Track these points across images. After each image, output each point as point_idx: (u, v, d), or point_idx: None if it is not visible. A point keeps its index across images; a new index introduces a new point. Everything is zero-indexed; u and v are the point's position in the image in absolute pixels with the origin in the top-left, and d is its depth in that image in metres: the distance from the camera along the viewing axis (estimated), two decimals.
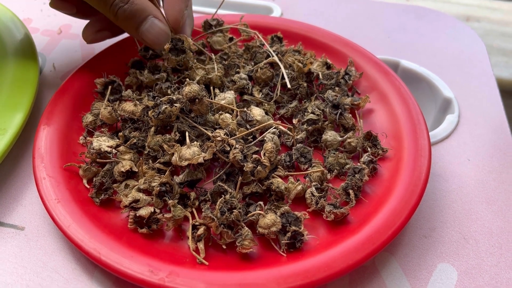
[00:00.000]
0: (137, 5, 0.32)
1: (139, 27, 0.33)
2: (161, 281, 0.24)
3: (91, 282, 0.26)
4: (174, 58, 0.34)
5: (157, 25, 0.33)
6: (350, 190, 0.28)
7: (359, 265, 0.25)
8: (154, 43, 0.33)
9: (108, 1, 0.31)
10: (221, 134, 0.28)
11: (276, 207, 0.28)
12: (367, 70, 0.37)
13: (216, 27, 0.39)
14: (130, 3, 0.32)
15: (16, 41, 0.38)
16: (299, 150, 0.31)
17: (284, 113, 0.34)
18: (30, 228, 0.28)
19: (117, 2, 0.32)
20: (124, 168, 0.28)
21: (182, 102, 0.30)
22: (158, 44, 0.33)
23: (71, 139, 0.32)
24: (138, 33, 0.33)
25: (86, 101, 0.34)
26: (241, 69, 0.36)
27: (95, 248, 0.25)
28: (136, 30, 0.33)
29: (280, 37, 0.39)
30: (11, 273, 0.26)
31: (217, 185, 0.28)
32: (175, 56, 0.34)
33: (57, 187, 0.28)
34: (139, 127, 0.31)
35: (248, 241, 0.25)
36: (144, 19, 0.32)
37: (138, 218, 0.27)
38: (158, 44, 0.33)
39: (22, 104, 0.32)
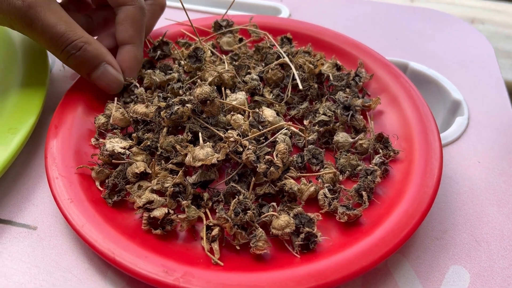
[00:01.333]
0: (89, 52, 0.32)
1: (91, 74, 0.32)
2: (176, 282, 0.24)
3: (104, 282, 0.26)
4: (191, 65, 0.34)
5: (110, 72, 0.33)
6: (363, 192, 0.28)
7: (372, 267, 0.25)
8: (106, 90, 0.33)
9: (59, 46, 0.31)
10: (234, 135, 0.28)
11: (289, 208, 0.28)
12: (377, 71, 0.37)
13: (226, 28, 0.39)
14: (82, 50, 0.31)
15: (26, 41, 0.38)
16: (311, 151, 0.31)
17: (295, 114, 0.34)
18: (42, 228, 0.28)
19: (69, 49, 0.31)
20: (138, 170, 0.28)
21: (193, 103, 0.30)
22: (110, 90, 0.33)
23: (82, 138, 0.32)
24: (90, 79, 0.33)
25: (97, 100, 0.34)
26: (251, 70, 0.36)
27: (109, 248, 0.25)
28: (88, 75, 0.33)
29: (289, 38, 0.39)
30: (24, 273, 0.26)
31: (230, 186, 0.28)
32: (192, 63, 0.34)
33: (69, 186, 0.28)
34: (152, 128, 0.31)
35: (262, 242, 0.25)
36: (96, 66, 0.32)
37: (152, 219, 0.27)
38: (110, 90, 0.33)
39: (33, 104, 0.32)
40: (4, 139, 0.30)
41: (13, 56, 0.37)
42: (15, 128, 0.30)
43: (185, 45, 0.38)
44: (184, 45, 0.38)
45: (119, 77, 0.33)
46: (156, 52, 0.36)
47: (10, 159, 0.29)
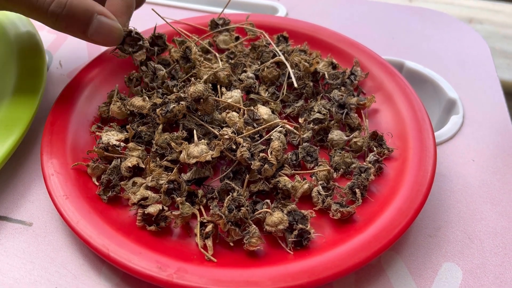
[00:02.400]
0: (76, 7, 0.28)
1: (86, 31, 0.30)
2: (169, 278, 0.24)
3: (99, 278, 0.26)
4: (184, 66, 0.34)
5: (105, 22, 0.30)
6: (356, 189, 0.28)
7: (365, 264, 0.25)
8: (108, 43, 0.31)
9: (42, 9, 0.28)
10: (228, 132, 0.29)
11: (283, 205, 0.28)
12: (372, 70, 0.37)
13: (222, 26, 0.39)
14: (68, 6, 0.28)
15: (23, 38, 0.38)
16: (305, 149, 0.31)
17: (290, 112, 0.34)
18: (38, 224, 0.28)
19: (53, 9, 0.28)
20: (130, 163, 0.29)
21: (187, 101, 0.30)
22: (112, 43, 0.31)
23: (78, 136, 0.32)
24: (87, 37, 0.30)
25: (93, 98, 0.34)
26: (247, 68, 0.36)
27: (103, 244, 0.25)
28: (84, 34, 0.30)
29: (286, 37, 0.40)
30: (19, 268, 0.26)
31: (225, 183, 0.28)
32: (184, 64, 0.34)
33: (65, 183, 0.28)
34: (147, 122, 0.31)
35: (255, 238, 0.26)
36: (88, 20, 0.29)
37: (146, 215, 0.27)
38: (112, 43, 0.31)
39: (29, 101, 0.32)
40: (0, 136, 0.30)
41: (10, 53, 0.37)
42: (11, 125, 0.31)
43: (181, 43, 0.38)
44: (181, 44, 0.38)
45: (116, 26, 0.30)
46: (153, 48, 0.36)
47: (6, 156, 0.29)
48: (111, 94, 0.34)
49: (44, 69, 0.35)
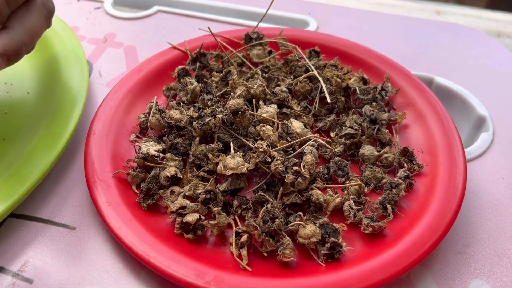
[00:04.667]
0: None
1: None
2: (207, 285, 0.25)
3: (138, 282, 0.27)
4: (222, 87, 0.35)
5: None
6: (388, 205, 0.29)
7: (396, 278, 0.26)
8: None
9: None
10: (263, 145, 0.30)
11: (315, 218, 0.29)
12: (402, 86, 0.38)
13: (256, 40, 0.40)
14: None
15: (67, 49, 0.40)
16: (337, 163, 0.32)
17: (322, 126, 0.35)
18: (80, 228, 0.30)
19: None
20: (169, 173, 0.30)
21: (225, 114, 0.31)
22: None
23: (119, 144, 0.33)
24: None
25: (131, 108, 0.36)
26: (281, 82, 0.37)
27: (144, 250, 0.26)
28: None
29: (317, 51, 0.41)
30: (64, 270, 0.28)
31: (259, 194, 0.29)
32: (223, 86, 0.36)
33: (107, 190, 0.30)
34: (183, 134, 0.33)
35: (289, 250, 0.26)
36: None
37: (184, 224, 0.28)
38: None
39: (73, 110, 0.34)
40: (47, 144, 0.32)
41: (55, 63, 0.39)
42: (57, 133, 0.32)
43: (217, 57, 0.40)
44: (216, 57, 0.40)
45: None
46: (195, 64, 0.38)
47: (52, 162, 0.31)
48: (150, 106, 0.35)
49: (87, 79, 0.37)
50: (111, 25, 0.47)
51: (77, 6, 0.50)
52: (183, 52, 0.40)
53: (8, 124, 0.35)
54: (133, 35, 0.46)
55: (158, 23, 0.48)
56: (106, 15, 0.49)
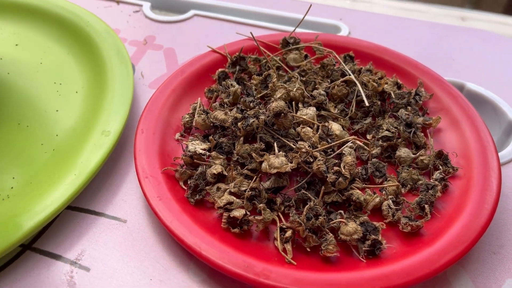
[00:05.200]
0: None
1: None
2: (256, 277, 0.26)
3: (187, 273, 0.29)
4: (261, 90, 0.37)
5: None
6: (425, 205, 0.30)
7: (434, 275, 0.27)
8: None
9: None
10: (305, 146, 0.31)
11: (355, 216, 0.30)
12: (435, 91, 0.39)
13: (293, 44, 0.42)
14: None
15: (111, 50, 0.41)
16: (375, 165, 0.33)
17: (359, 129, 0.36)
18: (131, 221, 0.32)
19: None
20: (216, 171, 0.31)
21: (267, 116, 0.33)
22: None
23: (165, 143, 0.35)
24: None
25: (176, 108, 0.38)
26: (318, 85, 0.38)
27: (195, 242, 0.28)
28: None
29: (352, 56, 0.42)
30: (118, 260, 0.29)
31: (301, 192, 0.31)
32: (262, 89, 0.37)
33: (158, 186, 0.31)
34: (227, 133, 0.34)
35: (332, 245, 0.28)
36: None
37: (231, 218, 0.29)
38: None
39: (121, 109, 0.36)
40: (99, 141, 0.33)
41: (101, 64, 0.40)
42: (108, 131, 0.34)
43: (255, 60, 0.41)
44: (254, 61, 0.41)
45: None
46: (235, 67, 0.39)
47: (104, 159, 0.32)
48: (193, 106, 0.37)
49: (132, 80, 0.39)
50: (150, 28, 0.49)
51: (116, 9, 0.52)
52: (222, 55, 0.42)
53: (60, 121, 0.37)
54: (171, 38, 0.48)
55: (194, 27, 0.50)
56: (145, 18, 0.51)
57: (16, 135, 0.36)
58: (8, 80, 0.41)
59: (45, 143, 0.35)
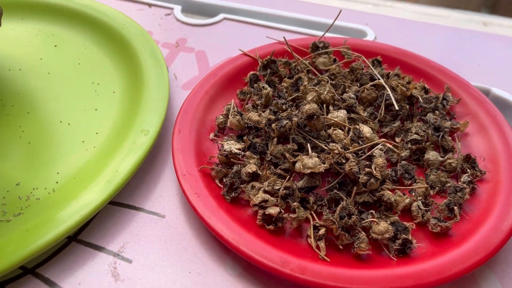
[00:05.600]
0: None
1: None
2: (292, 272, 0.27)
3: (224, 266, 0.30)
4: (292, 92, 0.38)
5: None
6: (455, 207, 0.31)
7: (463, 275, 0.28)
8: None
9: None
10: (337, 147, 0.32)
11: (386, 216, 0.31)
12: (462, 96, 0.40)
13: (322, 49, 0.43)
14: None
15: (146, 52, 0.43)
16: (404, 167, 0.34)
17: (387, 132, 0.37)
18: (169, 216, 0.33)
19: None
20: (250, 170, 0.33)
21: (300, 118, 0.34)
22: None
23: (200, 142, 0.36)
24: None
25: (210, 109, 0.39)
26: (347, 88, 0.39)
27: (233, 238, 0.29)
28: None
29: (380, 61, 0.43)
30: (157, 253, 0.31)
31: (334, 192, 0.32)
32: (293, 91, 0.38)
33: (195, 183, 0.33)
34: (260, 134, 0.36)
35: (364, 244, 0.29)
36: None
37: (266, 216, 0.31)
38: None
39: (159, 109, 0.37)
40: (139, 139, 0.35)
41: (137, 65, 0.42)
42: (147, 129, 0.35)
43: (285, 64, 0.42)
44: (284, 64, 0.42)
45: None
46: (266, 70, 0.41)
47: (144, 157, 0.34)
48: (227, 108, 0.38)
49: (168, 81, 0.40)
50: (181, 30, 0.51)
51: (149, 12, 0.54)
52: (253, 58, 0.43)
53: (99, 120, 0.38)
54: (202, 40, 0.50)
55: (224, 30, 0.51)
56: (176, 21, 0.52)
57: (58, 132, 0.37)
58: (49, 79, 0.43)
59: (86, 140, 0.37)
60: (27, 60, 0.45)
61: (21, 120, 0.38)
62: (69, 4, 0.49)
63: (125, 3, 0.55)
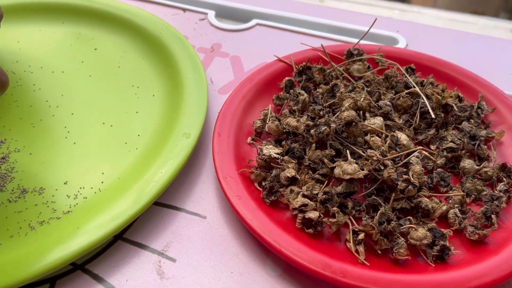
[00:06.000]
0: None
1: None
2: (333, 275, 0.28)
3: (264, 267, 0.31)
4: (328, 99, 0.39)
5: None
6: (492, 215, 0.31)
7: (501, 282, 0.28)
8: None
9: None
10: (376, 154, 0.33)
11: (423, 223, 0.32)
12: (496, 105, 0.40)
13: (357, 56, 0.44)
14: None
15: (184, 56, 0.44)
16: (440, 174, 0.35)
17: (423, 139, 0.38)
18: (210, 218, 0.34)
19: None
20: (290, 174, 0.34)
21: (339, 124, 0.35)
22: None
23: (239, 146, 0.37)
24: None
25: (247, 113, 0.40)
26: (382, 96, 0.40)
27: (275, 240, 0.30)
28: None
29: (413, 69, 0.43)
30: (200, 253, 0.32)
31: (372, 198, 0.32)
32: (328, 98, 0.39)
33: (236, 185, 0.34)
34: (298, 140, 0.37)
35: (403, 249, 0.30)
36: None
37: (305, 219, 0.32)
38: None
39: (199, 113, 0.38)
40: (181, 142, 0.36)
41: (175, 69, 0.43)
42: (188, 133, 0.37)
43: (320, 70, 0.43)
44: (319, 70, 0.43)
45: None
46: (301, 76, 0.41)
47: (186, 159, 0.35)
48: (264, 113, 0.39)
49: (206, 85, 0.41)
50: (216, 35, 0.52)
51: (183, 17, 0.55)
52: (288, 64, 0.44)
53: (140, 122, 0.40)
54: (236, 45, 0.51)
55: (257, 35, 0.52)
56: (210, 26, 0.54)
57: (101, 133, 0.39)
58: (90, 81, 0.44)
59: (129, 142, 0.38)
60: (69, 63, 0.46)
61: (66, 121, 0.40)
62: (108, 9, 0.51)
63: (160, 8, 0.56)
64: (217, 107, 0.43)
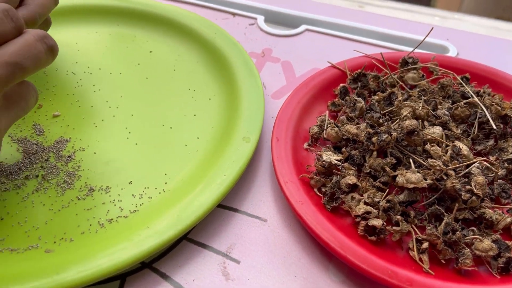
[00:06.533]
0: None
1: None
2: (400, 283, 0.29)
3: (327, 272, 0.31)
4: (384, 106, 0.39)
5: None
6: None
7: None
8: None
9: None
10: (439, 164, 0.33)
11: (487, 234, 0.32)
12: None
13: (411, 64, 0.44)
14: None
15: (239, 61, 0.45)
16: (501, 186, 0.35)
17: (481, 150, 0.38)
18: (271, 221, 0.35)
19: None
20: (351, 181, 0.34)
21: (400, 133, 0.35)
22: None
23: (296, 151, 0.38)
24: None
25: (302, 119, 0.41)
26: (438, 105, 0.40)
27: (340, 246, 0.31)
28: None
29: (468, 78, 0.43)
30: (263, 256, 0.32)
31: (435, 208, 0.33)
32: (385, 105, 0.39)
33: (297, 190, 0.34)
34: (358, 147, 0.37)
35: (469, 260, 0.30)
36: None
37: (368, 227, 0.32)
38: None
39: (257, 117, 0.39)
40: (241, 146, 0.37)
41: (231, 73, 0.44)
42: (248, 137, 0.37)
43: (374, 77, 0.44)
44: (374, 78, 0.43)
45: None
46: (356, 83, 0.42)
47: (247, 162, 0.36)
48: (321, 119, 0.40)
49: (262, 90, 0.42)
50: (266, 40, 0.53)
51: (233, 21, 0.56)
52: (341, 71, 0.45)
53: (199, 125, 0.41)
54: (286, 51, 0.51)
55: (306, 41, 0.53)
56: (260, 31, 0.54)
57: (162, 135, 0.40)
58: (147, 83, 0.45)
59: (189, 144, 0.39)
60: (125, 64, 0.47)
61: (127, 121, 0.41)
62: (162, 13, 0.52)
63: (210, 12, 0.57)
64: (271, 112, 0.44)
